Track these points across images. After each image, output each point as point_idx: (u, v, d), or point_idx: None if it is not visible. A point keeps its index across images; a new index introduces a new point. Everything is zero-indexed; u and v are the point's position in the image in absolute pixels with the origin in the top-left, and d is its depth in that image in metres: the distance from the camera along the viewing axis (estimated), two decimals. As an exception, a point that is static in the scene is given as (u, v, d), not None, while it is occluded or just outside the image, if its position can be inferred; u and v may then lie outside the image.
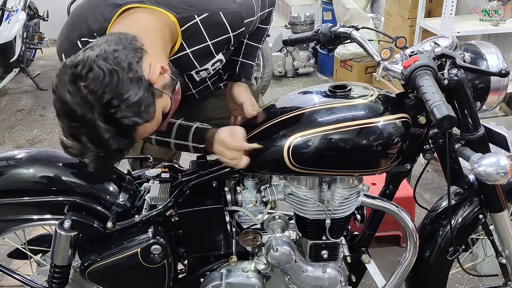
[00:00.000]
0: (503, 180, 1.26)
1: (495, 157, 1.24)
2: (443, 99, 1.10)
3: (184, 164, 1.66)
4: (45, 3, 5.11)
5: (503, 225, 1.48)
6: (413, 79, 1.18)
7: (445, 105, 1.08)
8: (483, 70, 1.21)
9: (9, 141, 3.71)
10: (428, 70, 1.17)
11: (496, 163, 1.23)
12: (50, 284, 1.44)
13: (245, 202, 1.45)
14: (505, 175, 1.24)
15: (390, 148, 1.30)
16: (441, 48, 1.26)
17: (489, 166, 1.23)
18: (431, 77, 1.16)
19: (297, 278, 1.53)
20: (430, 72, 1.17)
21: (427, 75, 1.16)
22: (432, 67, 1.18)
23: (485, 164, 1.24)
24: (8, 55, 4.26)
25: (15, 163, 1.44)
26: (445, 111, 1.06)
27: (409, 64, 1.20)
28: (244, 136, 1.33)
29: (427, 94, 1.12)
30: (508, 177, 1.26)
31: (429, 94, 1.11)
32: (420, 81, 1.16)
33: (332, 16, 4.59)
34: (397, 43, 1.38)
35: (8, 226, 1.47)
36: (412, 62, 1.20)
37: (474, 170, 1.26)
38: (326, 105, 1.34)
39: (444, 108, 1.07)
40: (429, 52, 1.26)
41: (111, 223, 1.39)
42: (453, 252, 1.48)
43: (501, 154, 1.26)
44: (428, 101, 1.10)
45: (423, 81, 1.15)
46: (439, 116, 1.06)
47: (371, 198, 1.46)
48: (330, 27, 1.48)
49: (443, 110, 1.06)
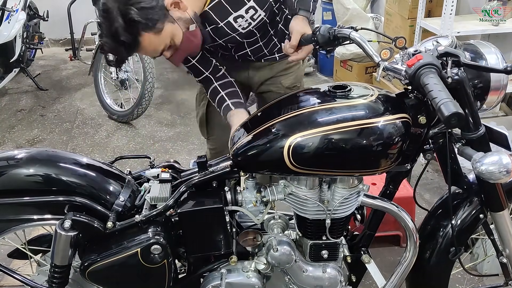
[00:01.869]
0: (505, 179, 1.26)
1: (497, 156, 1.24)
2: (450, 96, 1.09)
3: (184, 164, 1.66)
4: (45, 3, 5.11)
5: (503, 224, 1.47)
6: (417, 78, 1.18)
7: (453, 102, 1.07)
8: (489, 68, 1.21)
9: (9, 141, 3.71)
10: (433, 68, 1.17)
11: (498, 161, 1.23)
12: (50, 284, 1.44)
13: (245, 202, 1.45)
14: (507, 174, 1.24)
15: (390, 148, 1.30)
16: (444, 47, 1.26)
17: (491, 164, 1.23)
18: (436, 75, 1.16)
19: (297, 278, 1.53)
20: (435, 70, 1.17)
21: (432, 73, 1.16)
22: (436, 65, 1.18)
23: (487, 162, 1.23)
24: (8, 55, 4.26)
25: (15, 163, 1.44)
26: (453, 108, 1.06)
27: (413, 62, 1.20)
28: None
29: (434, 92, 1.11)
30: (510, 176, 1.26)
31: (435, 92, 1.11)
32: (425, 79, 1.15)
33: (332, 16, 4.58)
34: (397, 43, 1.37)
35: (8, 226, 1.47)
36: (416, 60, 1.19)
37: (476, 169, 1.25)
38: (326, 105, 1.34)
39: (451, 105, 1.06)
40: (432, 51, 1.26)
41: (111, 223, 1.39)
42: (455, 252, 1.48)
43: (503, 152, 1.26)
44: (435, 99, 1.10)
45: (428, 79, 1.14)
46: (447, 113, 1.05)
47: (371, 198, 1.46)
48: (328, 28, 1.48)
49: (450, 107, 1.06)
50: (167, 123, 3.97)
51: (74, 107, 4.33)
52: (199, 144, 3.60)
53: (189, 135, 3.76)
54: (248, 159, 1.38)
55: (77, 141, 3.70)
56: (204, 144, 3.59)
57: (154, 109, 4.20)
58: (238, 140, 1.41)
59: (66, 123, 4.01)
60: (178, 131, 3.82)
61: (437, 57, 1.24)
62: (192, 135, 3.75)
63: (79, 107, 4.32)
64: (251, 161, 1.38)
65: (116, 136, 3.76)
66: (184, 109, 4.22)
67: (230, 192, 1.45)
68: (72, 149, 3.55)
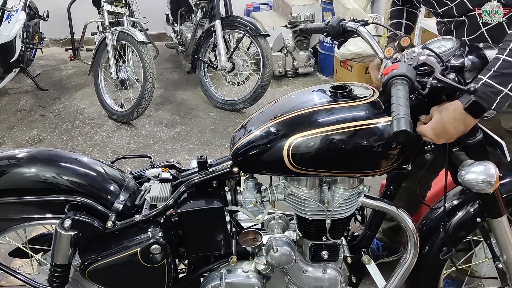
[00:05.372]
0: (488, 190, 1.27)
1: (484, 166, 1.24)
2: (407, 112, 1.11)
3: (184, 164, 1.66)
4: (45, 3, 5.11)
5: (501, 230, 1.47)
6: (388, 87, 1.19)
7: (406, 119, 1.09)
8: (454, 86, 1.20)
9: (9, 141, 3.71)
10: (403, 80, 1.17)
11: (483, 172, 1.24)
12: (50, 283, 1.45)
13: (245, 202, 1.46)
14: (491, 185, 1.25)
15: (390, 149, 1.30)
16: (425, 57, 1.25)
17: (476, 174, 1.24)
18: (405, 87, 1.17)
19: (297, 279, 1.53)
20: (406, 82, 1.17)
21: (401, 85, 1.17)
22: (408, 76, 1.17)
23: (473, 172, 1.25)
24: (8, 55, 4.26)
25: (16, 163, 1.44)
26: (403, 125, 1.08)
27: (387, 71, 1.21)
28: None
29: (394, 105, 1.13)
30: (494, 188, 1.27)
31: (396, 105, 1.13)
32: (393, 91, 1.17)
33: (332, 16, 4.58)
34: (401, 41, 1.37)
35: (9, 225, 1.47)
36: (390, 70, 1.20)
37: (460, 177, 1.27)
38: (326, 106, 1.34)
39: (402, 123, 1.08)
40: (413, 60, 1.26)
41: (111, 222, 1.39)
42: (446, 251, 1.48)
43: (491, 163, 1.26)
44: (392, 112, 1.13)
45: (395, 91, 1.16)
46: (396, 129, 1.08)
47: (372, 199, 1.46)
48: (340, 20, 1.48)
49: (401, 124, 1.08)
50: (167, 123, 3.97)
51: (74, 107, 4.33)
52: (199, 144, 3.60)
53: (189, 135, 3.76)
54: (248, 159, 1.38)
55: (77, 141, 3.70)
56: (204, 144, 3.61)
57: (154, 109, 4.20)
58: (238, 140, 1.41)
59: (66, 123, 4.01)
60: (178, 131, 3.82)
61: (416, 67, 1.24)
62: (192, 135, 3.75)
63: (79, 107, 4.32)
64: (251, 161, 1.38)
65: (116, 136, 3.76)
66: (184, 109, 4.22)
67: (230, 192, 1.45)
68: (72, 149, 3.55)
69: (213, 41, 4.13)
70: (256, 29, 3.84)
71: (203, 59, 4.22)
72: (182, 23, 5.01)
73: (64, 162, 1.46)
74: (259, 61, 3.91)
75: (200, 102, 4.34)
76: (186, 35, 4.83)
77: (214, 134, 3.75)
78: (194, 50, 4.30)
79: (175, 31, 5.13)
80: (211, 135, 3.74)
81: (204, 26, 4.43)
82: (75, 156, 1.53)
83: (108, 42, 3.84)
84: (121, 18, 4.28)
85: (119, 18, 4.31)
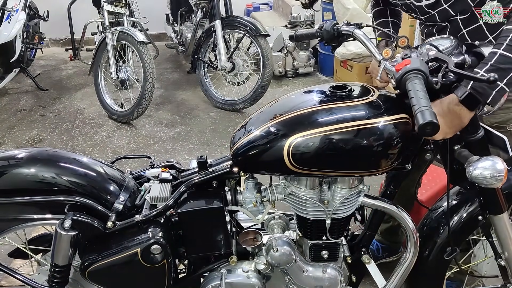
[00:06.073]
0: (497, 184, 1.26)
1: (491, 161, 1.24)
2: (429, 104, 1.10)
3: (184, 164, 1.66)
4: (45, 3, 5.11)
5: (502, 227, 1.47)
6: (403, 83, 1.19)
7: (430, 111, 1.08)
8: (473, 77, 1.20)
9: (9, 141, 3.71)
10: (419, 74, 1.17)
11: (491, 166, 1.23)
12: (50, 283, 1.45)
13: (245, 202, 1.45)
14: (500, 179, 1.24)
15: (390, 149, 1.30)
16: (435, 52, 1.25)
17: (485, 169, 1.24)
18: (421, 81, 1.16)
19: (297, 278, 1.53)
20: (421, 76, 1.17)
21: (417, 79, 1.16)
22: (423, 71, 1.18)
23: (481, 167, 1.24)
24: (9, 55, 4.26)
25: (16, 163, 1.43)
26: (429, 117, 1.06)
27: (400, 67, 1.20)
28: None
29: (414, 99, 1.12)
30: (503, 181, 1.26)
31: (416, 99, 1.11)
32: (409, 85, 1.16)
33: (332, 16, 4.58)
34: (399, 42, 1.37)
35: (8, 226, 1.47)
36: (403, 65, 1.20)
37: (468, 173, 1.26)
38: (326, 106, 1.34)
39: (427, 114, 1.07)
40: (422, 55, 1.26)
41: (111, 222, 1.39)
42: (450, 252, 1.48)
43: (498, 157, 1.26)
44: (414, 106, 1.11)
45: (412, 85, 1.15)
46: (422, 122, 1.06)
47: (372, 198, 1.46)
48: (333, 24, 1.48)
49: (426, 116, 1.06)
50: (167, 123, 3.97)
51: (74, 107, 4.33)
52: (199, 144, 3.60)
53: (189, 135, 3.76)
54: (248, 159, 1.38)
55: (77, 141, 3.70)
56: (204, 144, 3.61)
57: (154, 109, 4.20)
58: (238, 140, 1.41)
59: (66, 123, 4.01)
60: (178, 131, 3.82)
61: (427, 62, 1.24)
62: (192, 135, 3.75)
63: (79, 107, 4.32)
64: (251, 161, 1.38)
65: (116, 136, 3.76)
66: (184, 109, 4.22)
67: (230, 192, 1.45)
68: (72, 149, 3.55)
69: (213, 41, 4.13)
70: (256, 29, 3.84)
71: (203, 59, 4.22)
72: (182, 23, 5.02)
73: (64, 163, 1.46)
74: (259, 61, 3.91)
75: (200, 102, 4.34)
76: (186, 35, 4.84)
77: (214, 134, 3.75)
78: (194, 50, 4.30)
79: (175, 31, 5.13)
80: (211, 135, 3.74)
81: (204, 26, 4.43)
82: (75, 156, 1.53)
83: (108, 42, 3.84)
84: (121, 18, 4.29)
85: (119, 18, 4.31)
